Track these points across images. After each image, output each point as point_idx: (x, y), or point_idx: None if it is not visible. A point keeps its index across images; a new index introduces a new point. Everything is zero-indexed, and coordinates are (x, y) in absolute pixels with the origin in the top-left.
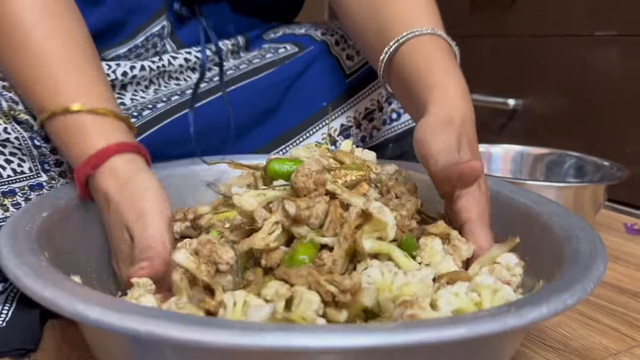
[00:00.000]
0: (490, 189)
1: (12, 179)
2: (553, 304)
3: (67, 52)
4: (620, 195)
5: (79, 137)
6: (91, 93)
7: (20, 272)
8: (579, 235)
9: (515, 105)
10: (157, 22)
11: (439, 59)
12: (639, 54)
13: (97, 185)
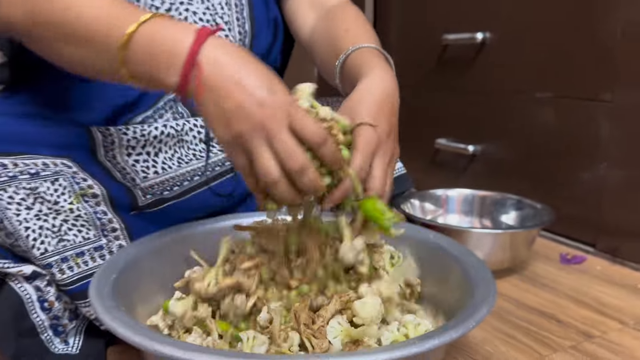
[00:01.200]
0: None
1: (82, 243)
2: (456, 332)
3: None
4: (558, 228)
5: (170, 35)
6: (137, 10)
7: (114, 324)
8: (479, 276)
9: (474, 150)
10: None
11: (375, 59)
12: (569, 113)
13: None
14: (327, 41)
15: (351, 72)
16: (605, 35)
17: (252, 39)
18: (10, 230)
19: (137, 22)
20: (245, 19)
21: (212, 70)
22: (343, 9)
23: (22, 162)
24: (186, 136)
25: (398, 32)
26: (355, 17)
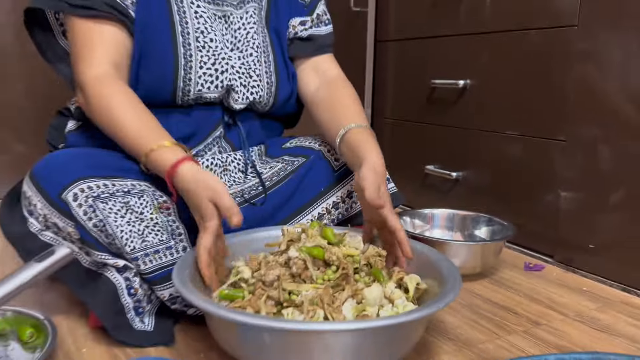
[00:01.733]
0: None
1: (158, 244)
2: (430, 309)
3: (147, 120)
4: (523, 241)
5: (163, 159)
6: (163, 137)
7: (200, 302)
8: (450, 274)
9: (457, 175)
10: (218, 129)
11: (367, 140)
12: (532, 148)
13: (179, 181)
14: (329, 113)
15: (351, 147)
16: (561, 88)
17: (277, 89)
18: (109, 232)
19: (146, 151)
20: (271, 72)
21: (178, 186)
22: (342, 85)
23: (118, 183)
24: (229, 166)
25: (395, 76)
26: (350, 94)
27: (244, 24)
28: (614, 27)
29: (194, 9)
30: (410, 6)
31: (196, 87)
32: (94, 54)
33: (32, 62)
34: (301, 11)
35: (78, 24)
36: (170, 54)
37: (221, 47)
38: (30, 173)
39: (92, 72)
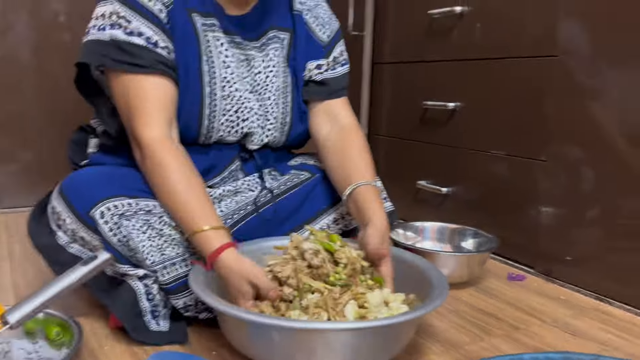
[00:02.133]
0: (398, 254)
1: (174, 257)
2: (420, 312)
3: (196, 196)
4: (506, 253)
5: (207, 243)
6: (209, 218)
7: (216, 304)
8: (439, 282)
9: (447, 191)
10: (234, 163)
11: (373, 197)
12: (516, 167)
13: (221, 265)
14: (339, 164)
15: (358, 206)
16: (542, 113)
17: (290, 129)
18: (132, 247)
19: (194, 230)
20: (287, 113)
21: (219, 270)
22: (354, 135)
23: (141, 203)
24: (239, 189)
25: (389, 96)
26: (361, 147)
27: (265, 68)
28: (590, 57)
29: (222, 58)
30: (405, 32)
31: (218, 133)
32: (150, 110)
33: (46, 78)
34: (319, 52)
35: (128, 80)
36: (197, 103)
37: (245, 95)
38: (60, 190)
39: (152, 132)
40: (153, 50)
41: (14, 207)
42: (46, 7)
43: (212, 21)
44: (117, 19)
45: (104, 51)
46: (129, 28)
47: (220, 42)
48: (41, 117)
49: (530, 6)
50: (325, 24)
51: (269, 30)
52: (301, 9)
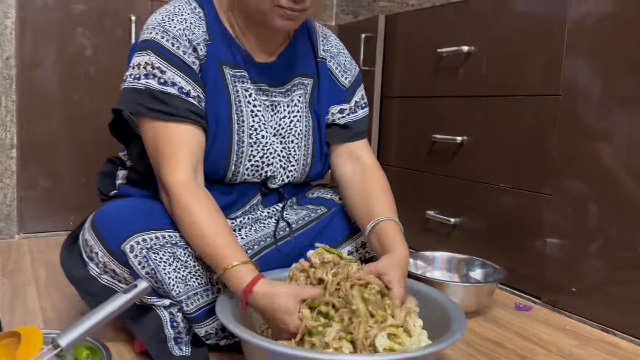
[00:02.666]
0: (413, 287)
1: (197, 287)
2: (441, 345)
3: (223, 236)
4: (514, 283)
5: (239, 278)
6: (237, 254)
7: (246, 335)
8: (456, 315)
9: (455, 221)
10: (255, 197)
11: (395, 233)
12: (522, 200)
13: (254, 300)
14: (362, 201)
15: (379, 239)
16: (546, 148)
17: (310, 169)
18: (159, 279)
19: (224, 267)
20: (308, 155)
21: (254, 303)
22: (376, 176)
23: (167, 235)
24: (260, 216)
25: (398, 129)
26: (383, 186)
27: (289, 113)
28: (593, 96)
29: (250, 107)
30: (414, 68)
31: (242, 176)
32: (178, 157)
33: (71, 109)
34: (341, 96)
35: (159, 127)
36: (225, 149)
37: (270, 140)
38: (92, 223)
39: (178, 177)
40: (185, 99)
41: (36, 232)
42: (73, 42)
43: (241, 73)
44: (151, 69)
45: (139, 99)
46: (163, 78)
47: (248, 92)
48: (65, 146)
49: (535, 47)
50: (347, 70)
51: (295, 77)
52: (325, 56)
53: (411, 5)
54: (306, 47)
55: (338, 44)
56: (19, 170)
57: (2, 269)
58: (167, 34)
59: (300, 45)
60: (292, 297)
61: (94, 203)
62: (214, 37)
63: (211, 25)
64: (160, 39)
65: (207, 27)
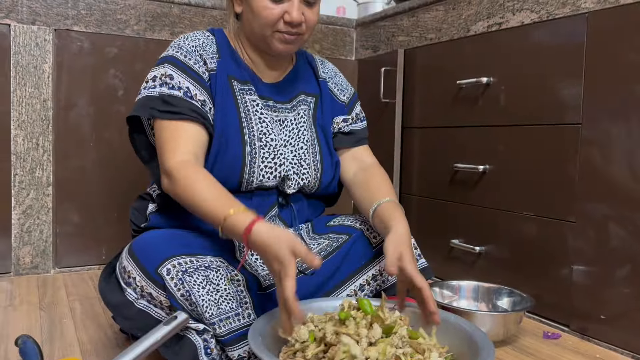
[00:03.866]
0: (445, 318)
1: (229, 311)
2: None
3: (220, 191)
4: (541, 311)
5: (238, 223)
6: (235, 204)
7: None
8: (484, 344)
9: (479, 250)
10: (273, 209)
11: (396, 212)
12: (546, 227)
13: (255, 238)
14: (365, 192)
15: (383, 217)
16: (568, 176)
17: (322, 174)
18: (193, 301)
19: (224, 216)
20: (317, 161)
21: (256, 241)
22: (376, 170)
23: (201, 259)
24: None
25: (420, 159)
26: (383, 177)
27: (297, 124)
28: (614, 122)
29: (258, 115)
30: (434, 99)
31: (258, 177)
32: (179, 145)
33: (103, 148)
34: (342, 110)
35: (166, 125)
36: (239, 153)
37: (279, 145)
38: (130, 251)
39: (177, 158)
40: (189, 100)
41: (71, 267)
42: (105, 84)
43: (249, 87)
44: (164, 78)
45: (152, 104)
46: (172, 83)
47: (255, 102)
48: (98, 183)
49: (554, 76)
50: (344, 88)
51: (299, 95)
52: (325, 76)
53: (429, 39)
54: (308, 70)
55: (334, 68)
56: (54, 206)
57: (40, 303)
58: (181, 48)
59: (303, 69)
60: (286, 249)
61: (125, 237)
62: (224, 56)
63: (221, 48)
64: (175, 53)
65: (217, 48)
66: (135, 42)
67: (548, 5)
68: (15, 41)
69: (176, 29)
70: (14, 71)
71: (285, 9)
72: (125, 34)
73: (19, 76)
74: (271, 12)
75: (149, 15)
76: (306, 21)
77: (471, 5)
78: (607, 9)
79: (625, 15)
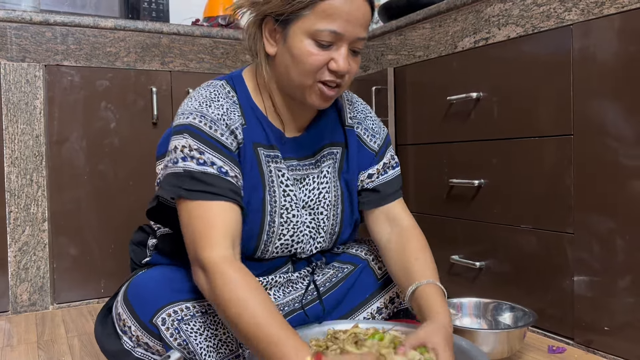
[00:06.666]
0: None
1: (229, 353)
2: None
3: (278, 325)
4: (545, 325)
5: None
6: (294, 340)
7: None
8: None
9: (480, 265)
10: (286, 266)
11: (435, 297)
12: (545, 240)
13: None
14: (401, 265)
15: (423, 303)
16: (564, 188)
17: (338, 237)
18: (191, 349)
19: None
20: (337, 224)
21: None
22: (413, 237)
23: (197, 305)
24: (292, 277)
25: (415, 175)
26: (421, 248)
27: (319, 184)
28: (604, 133)
29: (283, 187)
30: (425, 116)
31: (272, 254)
32: (215, 233)
33: (98, 180)
34: (371, 160)
35: (197, 205)
36: (257, 229)
37: (299, 213)
38: (125, 298)
39: (216, 254)
40: (225, 178)
41: (69, 302)
42: (97, 117)
43: (275, 153)
44: (189, 152)
45: (178, 183)
46: (202, 159)
47: (281, 172)
48: (94, 215)
49: (543, 88)
50: (376, 133)
51: (324, 148)
52: (352, 123)
53: (418, 56)
54: (333, 116)
55: (365, 109)
56: (50, 242)
57: (38, 341)
58: (204, 118)
59: (329, 115)
60: None
61: (123, 269)
62: (248, 119)
63: (245, 108)
64: (198, 122)
65: (242, 111)
66: (126, 74)
67: (533, 19)
68: (6, 79)
69: (166, 58)
70: (5, 109)
71: (331, 56)
72: (115, 67)
73: (10, 113)
74: (316, 59)
75: (138, 46)
76: (349, 72)
77: (457, 22)
78: (591, 20)
79: (609, 25)
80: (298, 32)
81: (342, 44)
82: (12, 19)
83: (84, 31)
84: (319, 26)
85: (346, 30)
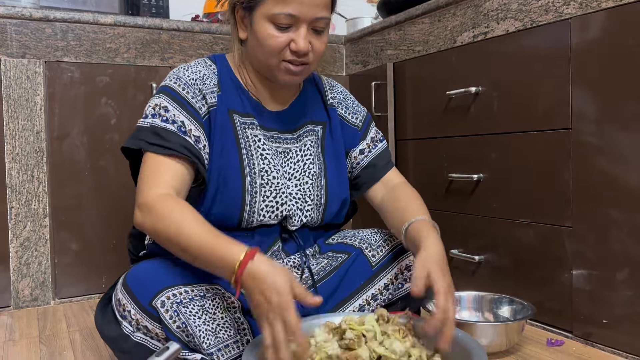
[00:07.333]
0: None
1: (227, 339)
2: None
3: (208, 226)
4: (544, 318)
5: (234, 254)
6: (227, 242)
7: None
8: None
9: (479, 259)
10: (276, 244)
11: (428, 231)
12: (543, 234)
13: (254, 267)
14: (394, 214)
15: (414, 237)
16: (563, 181)
17: (325, 210)
18: (189, 332)
19: (234, 269)
20: (322, 196)
21: (247, 283)
22: (403, 189)
23: (196, 289)
24: (285, 266)
25: (414, 170)
26: (410, 195)
27: (303, 156)
28: (602, 125)
29: (260, 151)
30: (425, 111)
31: (259, 217)
32: (159, 179)
33: (98, 176)
34: (355, 135)
35: (151, 158)
36: (239, 193)
37: (282, 182)
38: (124, 284)
39: (157, 192)
40: (182, 136)
41: (71, 297)
42: (98, 112)
43: (251, 120)
44: (158, 110)
45: (141, 136)
46: (166, 116)
47: (257, 137)
48: (95, 211)
49: (541, 82)
50: (356, 111)
51: (306, 124)
52: (333, 102)
53: (417, 51)
54: (315, 96)
55: (344, 91)
56: (52, 237)
57: (40, 336)
58: (180, 80)
59: (310, 94)
60: (286, 279)
61: (124, 264)
62: (225, 88)
63: (223, 78)
64: (173, 84)
65: (219, 80)
66: (126, 69)
67: (531, 13)
68: (6, 75)
69: (166, 54)
70: (6, 105)
71: (291, 38)
72: (115, 62)
73: (11, 109)
74: (276, 41)
75: (138, 42)
76: (313, 50)
77: (456, 17)
78: (589, 14)
79: (607, 19)
80: (260, 17)
81: (300, 25)
82: (12, 15)
83: (84, 27)
84: (275, 10)
85: (301, 12)
